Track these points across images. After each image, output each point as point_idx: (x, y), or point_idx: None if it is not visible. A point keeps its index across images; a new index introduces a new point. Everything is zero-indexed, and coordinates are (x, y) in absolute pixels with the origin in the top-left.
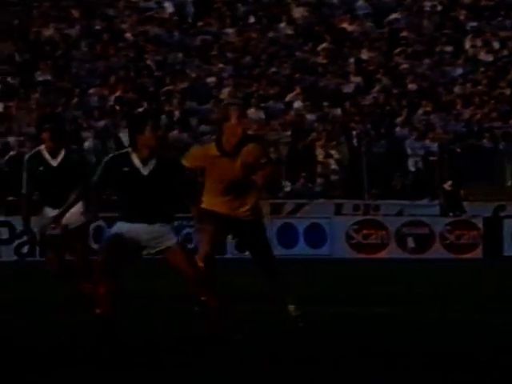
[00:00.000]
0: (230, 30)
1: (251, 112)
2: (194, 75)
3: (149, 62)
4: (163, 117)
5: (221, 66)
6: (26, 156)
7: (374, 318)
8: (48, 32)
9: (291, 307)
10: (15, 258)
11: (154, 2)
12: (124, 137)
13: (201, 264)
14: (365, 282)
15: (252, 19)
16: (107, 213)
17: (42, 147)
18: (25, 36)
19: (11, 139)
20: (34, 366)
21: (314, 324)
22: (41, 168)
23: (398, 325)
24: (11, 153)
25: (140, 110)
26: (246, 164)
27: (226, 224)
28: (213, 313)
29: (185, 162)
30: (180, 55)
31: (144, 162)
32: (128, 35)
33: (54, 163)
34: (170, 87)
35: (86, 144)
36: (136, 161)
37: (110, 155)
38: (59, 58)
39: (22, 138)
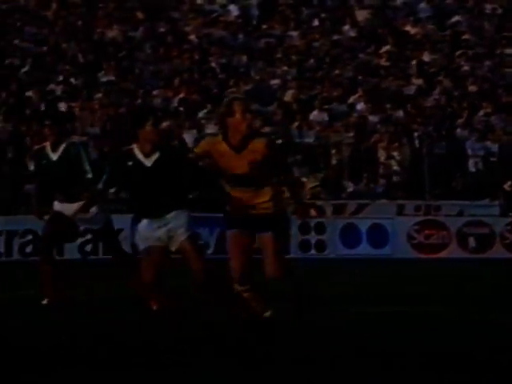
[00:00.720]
0: (293, 33)
1: (314, 114)
2: (257, 77)
3: (213, 64)
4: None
5: (284, 68)
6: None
7: (428, 316)
8: (112, 33)
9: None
10: (78, 256)
11: (218, 5)
12: (188, 137)
13: (236, 286)
14: (424, 281)
15: (316, 22)
16: None
17: (47, 143)
18: (89, 37)
19: (75, 138)
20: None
21: (371, 322)
22: (43, 162)
23: (450, 324)
24: None
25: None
26: (254, 161)
27: (248, 225)
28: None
29: (196, 149)
30: (244, 58)
31: (147, 155)
32: (192, 38)
33: (54, 157)
34: (234, 89)
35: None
36: (139, 155)
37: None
38: (123, 60)
39: (85, 138)
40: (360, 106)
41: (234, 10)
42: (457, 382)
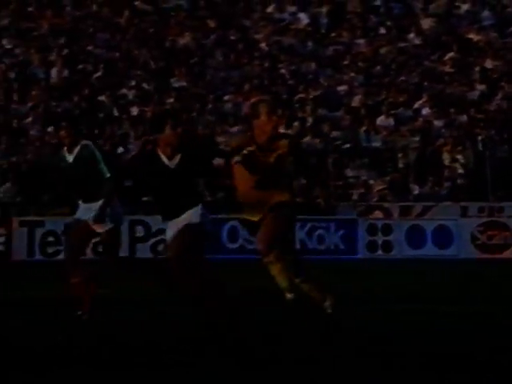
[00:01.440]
0: (361, 41)
1: (381, 119)
2: (326, 84)
3: (283, 70)
4: (296, 123)
5: (352, 74)
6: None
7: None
8: (183, 41)
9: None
10: (150, 255)
11: (288, 14)
12: None
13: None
14: (488, 281)
15: (382, 30)
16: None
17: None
18: (160, 44)
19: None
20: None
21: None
22: (62, 164)
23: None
24: None
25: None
26: (281, 158)
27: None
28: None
29: (232, 143)
30: (313, 64)
31: (170, 158)
32: (263, 45)
33: (70, 159)
34: (303, 95)
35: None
36: (163, 157)
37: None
38: (194, 66)
39: None
40: (425, 111)
41: (303, 18)
42: None
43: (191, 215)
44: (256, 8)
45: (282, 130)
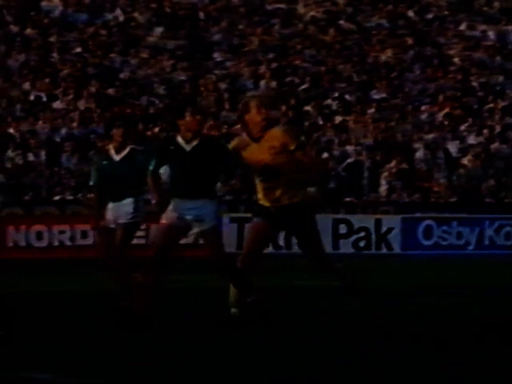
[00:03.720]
0: None
1: None
2: None
3: (473, 83)
4: (485, 131)
5: None
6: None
7: None
8: (384, 56)
9: None
10: (352, 251)
11: (479, 31)
12: (452, 148)
13: (239, 264)
14: None
15: None
16: None
17: (111, 145)
18: (363, 59)
19: (349, 148)
20: None
21: None
22: (105, 162)
23: None
24: (348, 160)
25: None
26: (272, 147)
27: (274, 219)
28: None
29: (230, 146)
30: (501, 78)
31: (187, 142)
32: (456, 60)
33: (117, 158)
34: (492, 105)
35: (417, 154)
36: (180, 141)
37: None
38: (394, 79)
39: (359, 148)
40: None
41: (491, 35)
42: None
43: (210, 214)
44: (449, 26)
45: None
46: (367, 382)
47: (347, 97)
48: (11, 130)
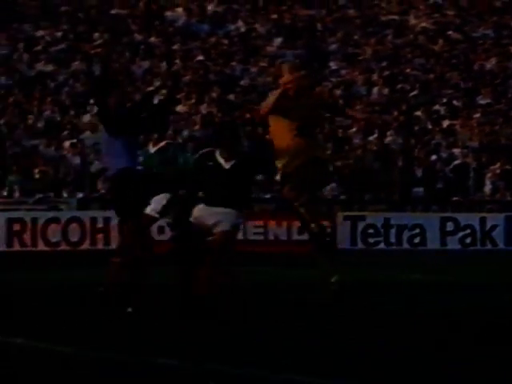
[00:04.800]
0: None
1: None
2: None
3: None
4: None
5: None
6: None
7: None
8: (489, 64)
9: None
10: (459, 247)
11: None
12: None
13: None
14: None
15: None
16: None
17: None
18: (469, 67)
19: (456, 151)
20: None
21: None
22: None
23: None
24: (455, 162)
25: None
26: (308, 105)
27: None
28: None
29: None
30: None
31: (226, 160)
32: None
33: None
34: None
35: None
36: (220, 158)
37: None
38: (498, 86)
39: (465, 150)
40: None
41: None
42: None
43: (229, 219)
44: None
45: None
46: None
47: (454, 102)
48: None
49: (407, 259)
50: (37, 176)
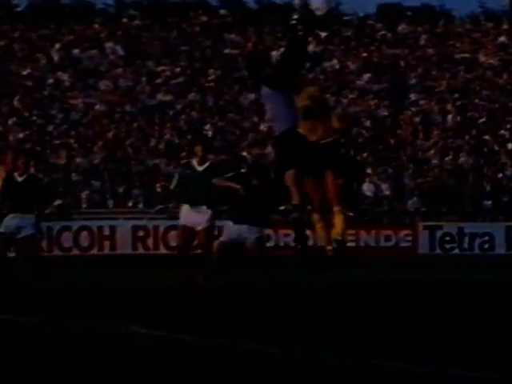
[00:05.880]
0: None
1: None
2: None
3: None
4: None
5: None
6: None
7: None
8: None
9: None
10: None
11: None
12: None
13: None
14: None
15: None
16: None
17: (194, 159)
18: None
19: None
20: None
21: None
22: (188, 171)
23: None
24: None
25: None
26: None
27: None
28: None
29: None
30: None
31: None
32: None
33: (200, 169)
34: None
35: None
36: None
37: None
38: None
39: None
40: None
41: None
42: None
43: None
44: None
45: None
46: None
47: None
48: (244, 153)
49: (478, 262)
50: (158, 190)
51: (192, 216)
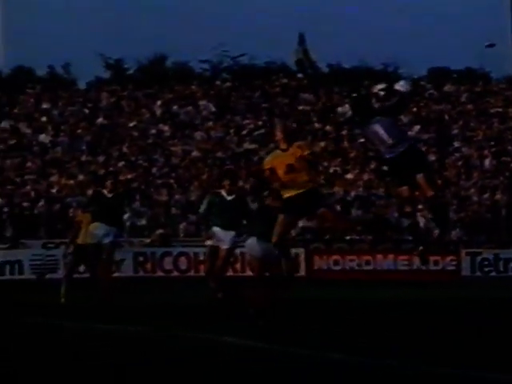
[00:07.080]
0: None
1: None
2: None
3: None
4: None
5: None
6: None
7: None
8: None
9: None
10: None
11: None
12: None
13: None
14: None
15: None
16: None
17: (222, 190)
18: None
19: None
20: None
21: None
22: (217, 200)
23: None
24: None
25: None
26: (296, 154)
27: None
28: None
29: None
30: None
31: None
32: None
33: (229, 198)
34: None
35: None
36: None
37: None
38: None
39: None
40: None
41: None
42: None
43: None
44: None
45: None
46: None
47: None
48: None
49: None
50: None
51: (219, 236)
